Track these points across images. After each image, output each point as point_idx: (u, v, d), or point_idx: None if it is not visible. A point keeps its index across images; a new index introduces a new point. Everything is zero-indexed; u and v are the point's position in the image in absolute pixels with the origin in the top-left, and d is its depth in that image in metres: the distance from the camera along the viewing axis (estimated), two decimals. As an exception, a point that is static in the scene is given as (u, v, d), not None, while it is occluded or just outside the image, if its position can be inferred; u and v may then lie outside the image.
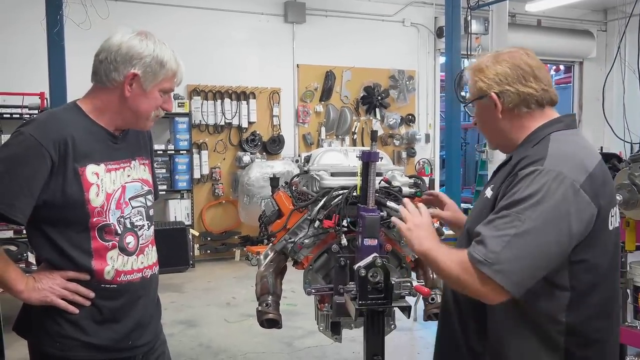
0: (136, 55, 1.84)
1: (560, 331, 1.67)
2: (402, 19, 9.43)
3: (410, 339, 5.02)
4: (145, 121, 1.96)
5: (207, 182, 8.36)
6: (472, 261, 1.58)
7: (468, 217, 1.96)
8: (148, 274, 2.01)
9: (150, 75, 1.87)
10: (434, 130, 9.87)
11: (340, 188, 2.58)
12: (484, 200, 1.79)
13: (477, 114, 1.89)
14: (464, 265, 1.61)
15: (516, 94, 1.76)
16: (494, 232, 1.58)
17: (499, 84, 1.77)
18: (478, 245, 1.60)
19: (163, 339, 2.18)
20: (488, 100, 1.79)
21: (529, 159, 1.67)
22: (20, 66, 7.05)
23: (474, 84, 1.84)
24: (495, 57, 1.82)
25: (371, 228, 2.30)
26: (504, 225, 1.58)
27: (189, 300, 6.28)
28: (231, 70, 8.30)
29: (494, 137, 1.88)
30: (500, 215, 1.60)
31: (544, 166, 1.62)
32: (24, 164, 1.76)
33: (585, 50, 10.58)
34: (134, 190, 1.97)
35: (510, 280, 1.55)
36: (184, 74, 1.99)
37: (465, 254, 1.62)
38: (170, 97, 2.00)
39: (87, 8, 6.15)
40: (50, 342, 1.88)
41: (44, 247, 1.87)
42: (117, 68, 1.85)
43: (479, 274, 1.57)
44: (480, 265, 1.56)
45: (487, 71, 1.80)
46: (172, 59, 1.91)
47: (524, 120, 1.79)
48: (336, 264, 2.48)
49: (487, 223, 1.62)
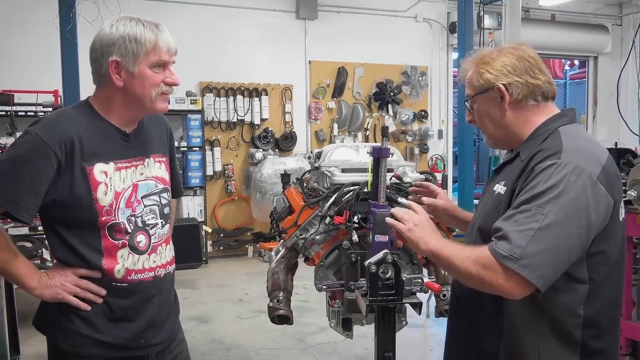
0: (109, 42, 1.80)
1: (577, 324, 1.67)
2: (415, 14, 9.39)
3: (422, 336, 5.01)
4: (151, 103, 1.87)
5: (219, 179, 8.39)
6: (496, 257, 1.56)
7: (476, 214, 1.92)
8: (161, 273, 1.99)
9: (130, 56, 1.80)
10: (447, 126, 9.82)
11: (351, 184, 2.58)
12: (496, 196, 1.76)
13: (479, 109, 1.83)
14: (484, 261, 1.58)
15: (525, 85, 1.74)
16: (516, 227, 1.56)
17: (507, 75, 1.75)
18: (500, 240, 1.57)
19: (181, 337, 2.16)
20: (494, 93, 1.76)
21: (545, 153, 1.65)
22: (33, 64, 7.11)
23: (479, 77, 1.79)
24: (499, 50, 1.80)
25: (382, 224, 2.29)
26: (526, 220, 1.56)
27: (201, 297, 6.31)
28: (243, 67, 8.31)
29: (497, 132, 1.83)
30: (521, 210, 1.58)
31: (561, 159, 1.61)
32: (29, 164, 1.76)
33: (599, 45, 10.47)
34: (147, 188, 1.95)
35: (537, 274, 1.54)
36: (171, 41, 1.85)
37: (484, 250, 1.59)
38: (169, 70, 1.88)
39: (99, 6, 6.18)
40: (63, 338, 1.89)
41: (57, 246, 1.88)
42: (101, 63, 1.83)
43: (504, 269, 1.55)
44: (505, 260, 1.54)
45: (493, 63, 1.77)
46: (147, 30, 1.81)
47: (529, 114, 1.77)
48: (347, 260, 2.48)
49: (507, 218, 1.60)
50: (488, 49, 1.87)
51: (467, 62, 1.87)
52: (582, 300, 1.66)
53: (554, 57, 11.10)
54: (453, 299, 1.96)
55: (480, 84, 1.79)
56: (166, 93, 1.89)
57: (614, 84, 6.19)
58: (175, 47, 1.87)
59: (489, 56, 1.80)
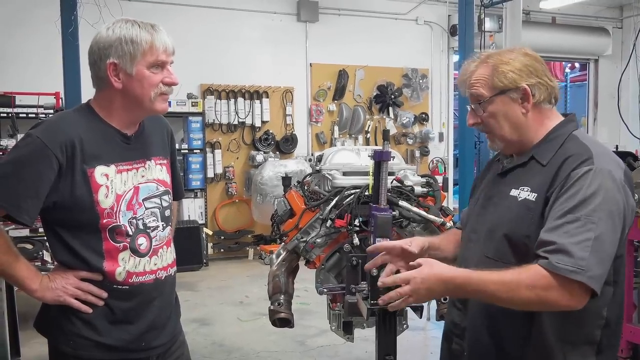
0: (106, 45, 1.81)
1: (599, 325, 1.70)
2: (416, 17, 9.39)
3: (423, 339, 5.01)
4: (150, 104, 1.87)
5: (220, 181, 8.39)
6: (561, 272, 1.50)
7: (492, 217, 1.81)
8: (162, 276, 1.99)
9: (128, 58, 1.80)
10: (448, 129, 9.82)
11: (352, 187, 2.58)
12: (523, 203, 1.70)
13: (496, 110, 1.76)
14: (542, 283, 1.52)
15: (545, 87, 1.73)
16: (572, 239, 1.52)
17: (530, 76, 1.72)
18: (558, 254, 1.51)
19: (182, 339, 2.16)
20: (516, 94, 1.72)
21: (577, 159, 1.63)
22: (35, 66, 7.11)
23: (501, 76, 1.73)
24: (510, 51, 1.77)
25: (383, 227, 2.29)
26: (578, 230, 1.53)
27: (202, 299, 6.30)
28: (244, 69, 8.31)
29: (512, 134, 1.77)
30: (569, 220, 1.55)
31: (595, 165, 1.61)
32: (30, 166, 1.77)
33: (600, 48, 10.47)
34: (148, 191, 1.95)
35: (599, 284, 1.53)
36: (167, 41, 1.85)
37: (535, 272, 1.52)
38: (168, 70, 1.87)
39: (100, 8, 6.19)
40: (64, 340, 1.89)
41: (59, 248, 1.88)
42: (99, 66, 1.83)
43: (568, 284, 1.51)
44: (573, 274, 1.49)
45: (514, 63, 1.73)
46: (143, 31, 1.81)
47: (543, 117, 1.76)
48: (348, 264, 2.48)
49: (554, 230, 1.55)
50: (496, 50, 1.83)
51: (475, 63, 1.81)
52: (607, 302, 1.68)
53: (555, 60, 11.09)
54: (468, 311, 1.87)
55: (503, 84, 1.73)
56: (165, 93, 1.89)
57: (614, 86, 6.20)
58: (172, 46, 1.87)
59: (506, 56, 1.75)
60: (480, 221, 1.87)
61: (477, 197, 1.96)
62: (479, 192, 1.97)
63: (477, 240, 1.85)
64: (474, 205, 1.96)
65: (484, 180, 1.99)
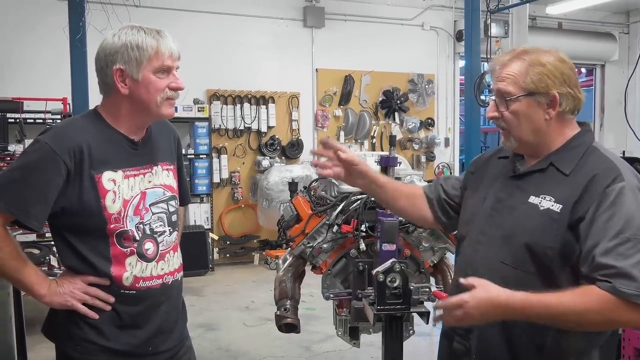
0: (112, 51, 1.83)
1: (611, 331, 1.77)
2: (422, 22, 9.41)
3: (429, 344, 4.99)
4: (157, 109, 1.87)
5: (226, 186, 8.41)
6: (628, 298, 1.53)
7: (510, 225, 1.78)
8: (169, 280, 2.00)
9: (134, 63, 1.82)
10: (454, 134, 9.81)
11: (358, 193, 2.58)
12: (546, 213, 1.68)
13: (519, 110, 1.72)
14: (609, 307, 1.54)
15: (573, 98, 1.72)
16: (629, 261, 1.54)
17: (563, 85, 1.70)
18: (620, 279, 1.53)
19: (189, 344, 2.16)
20: (544, 98, 1.70)
21: (608, 175, 1.64)
22: (43, 72, 7.15)
23: (534, 78, 1.69)
24: (546, 52, 1.73)
25: (389, 233, 2.30)
26: (631, 251, 1.55)
27: (208, 304, 6.31)
28: (250, 74, 8.34)
29: (530, 136, 1.75)
30: (621, 241, 1.56)
31: (625, 180, 1.62)
32: (39, 172, 1.78)
33: (607, 53, 10.45)
34: (155, 196, 1.96)
35: None
36: (173, 46, 1.86)
37: (600, 295, 1.55)
38: (174, 75, 1.88)
39: (108, 14, 6.23)
40: (72, 345, 1.90)
41: (66, 254, 1.89)
42: (106, 73, 1.85)
43: (634, 307, 1.53)
44: (638, 299, 1.52)
45: (550, 67, 1.70)
46: (148, 37, 1.83)
47: (563, 126, 1.75)
48: (354, 269, 2.49)
49: (609, 252, 1.56)
50: (528, 48, 1.77)
51: (509, 56, 1.76)
52: None
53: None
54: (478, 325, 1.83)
55: (533, 85, 1.69)
56: (171, 98, 1.90)
57: (621, 92, 6.19)
58: (177, 52, 1.89)
59: (543, 57, 1.71)
60: (492, 224, 1.82)
61: (482, 195, 1.90)
62: (484, 190, 1.91)
63: (488, 244, 1.82)
64: (479, 204, 1.90)
65: (488, 177, 1.93)
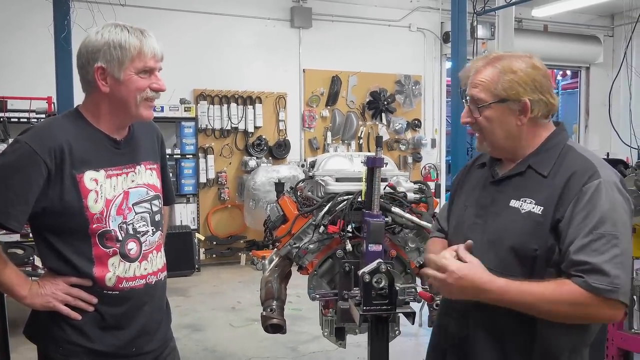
0: (94, 49, 1.81)
1: (597, 325, 1.77)
2: (409, 24, 9.43)
3: (415, 345, 5.00)
4: (136, 109, 1.86)
5: (213, 187, 8.37)
6: (600, 292, 1.55)
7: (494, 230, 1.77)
8: (152, 280, 1.98)
9: (116, 62, 1.80)
10: (440, 135, 9.85)
11: (345, 193, 2.58)
12: (529, 215, 1.69)
13: (492, 116, 1.75)
14: (581, 300, 1.56)
15: (546, 104, 1.74)
16: (602, 257, 1.56)
17: (534, 91, 1.71)
18: (593, 274, 1.55)
19: (173, 345, 2.15)
20: (516, 105, 1.72)
21: (584, 173, 1.65)
22: (27, 71, 7.08)
23: (505, 85, 1.71)
24: (518, 57, 1.75)
25: (376, 234, 2.30)
26: (605, 247, 1.57)
27: (194, 305, 6.28)
28: (237, 75, 8.32)
29: (505, 141, 1.77)
30: (595, 238, 1.58)
31: (602, 177, 1.63)
32: (19, 172, 1.76)
33: (592, 56, 10.54)
34: (138, 195, 1.95)
35: (628, 297, 1.59)
36: (156, 47, 1.85)
37: (573, 289, 1.57)
38: (156, 76, 1.87)
39: (94, 13, 6.16)
40: (54, 347, 1.88)
41: (48, 254, 1.87)
42: (87, 70, 1.84)
43: (607, 302, 1.56)
44: (610, 294, 1.55)
45: (521, 74, 1.71)
46: (132, 36, 1.81)
47: (538, 129, 1.77)
48: (341, 270, 2.48)
49: (583, 248, 1.58)
50: (500, 54, 1.79)
51: (482, 62, 1.78)
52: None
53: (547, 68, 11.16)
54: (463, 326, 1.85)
55: (505, 93, 1.72)
56: (151, 99, 1.89)
57: (605, 94, 6.24)
58: (160, 53, 1.88)
59: (515, 64, 1.73)
60: (476, 230, 1.82)
61: (463, 204, 1.92)
62: (465, 198, 1.92)
63: (473, 250, 1.79)
64: (462, 212, 1.91)
65: (468, 186, 1.95)
